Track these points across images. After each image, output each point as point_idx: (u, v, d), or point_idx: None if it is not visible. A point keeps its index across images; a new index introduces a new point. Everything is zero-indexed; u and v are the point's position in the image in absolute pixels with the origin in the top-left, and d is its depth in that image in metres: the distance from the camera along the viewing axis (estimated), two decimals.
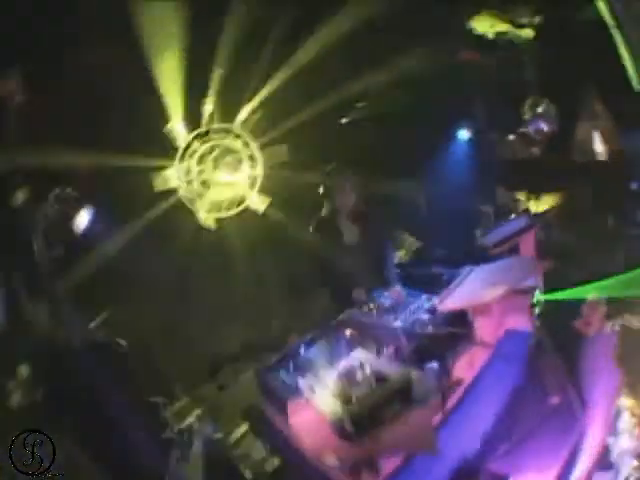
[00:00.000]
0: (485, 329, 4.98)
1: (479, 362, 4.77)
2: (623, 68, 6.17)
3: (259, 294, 8.16)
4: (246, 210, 7.81)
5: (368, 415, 4.12)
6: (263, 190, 7.83)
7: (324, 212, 6.27)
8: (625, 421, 4.40)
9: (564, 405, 4.53)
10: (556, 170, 7.58)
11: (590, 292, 5.11)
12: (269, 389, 4.80)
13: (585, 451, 4.29)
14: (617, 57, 6.18)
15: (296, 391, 4.50)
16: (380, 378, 4.24)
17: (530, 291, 5.01)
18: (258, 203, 7.84)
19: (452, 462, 4.20)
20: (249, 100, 7.59)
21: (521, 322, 4.90)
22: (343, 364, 4.48)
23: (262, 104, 7.62)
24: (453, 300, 4.90)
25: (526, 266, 5.27)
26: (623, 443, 4.32)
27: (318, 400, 4.21)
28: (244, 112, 7.57)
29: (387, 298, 5.60)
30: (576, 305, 5.10)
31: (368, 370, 4.28)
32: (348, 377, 4.27)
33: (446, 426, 4.40)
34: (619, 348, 4.69)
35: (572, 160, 7.57)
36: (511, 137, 8.00)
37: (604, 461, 4.31)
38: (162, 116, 7.09)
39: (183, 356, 6.97)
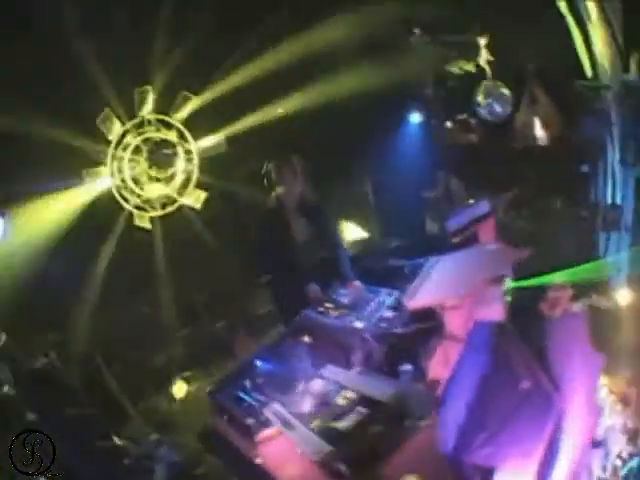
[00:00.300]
0: (455, 322, 4.78)
1: (454, 357, 4.43)
2: (572, 54, 6.05)
3: (201, 296, 7.77)
4: (181, 207, 7.51)
5: (362, 453, 3.59)
6: (199, 185, 7.53)
7: (269, 204, 5.69)
8: (603, 398, 4.40)
9: (536, 389, 4.20)
10: (500, 157, 7.45)
11: (557, 278, 4.84)
12: (225, 409, 4.25)
13: (568, 432, 4.13)
14: (566, 43, 6.06)
15: (259, 414, 3.95)
16: (366, 402, 3.71)
17: (501, 280, 4.58)
18: (194, 199, 7.53)
19: None
20: (189, 92, 7.27)
21: (493, 313, 4.61)
22: (316, 388, 3.97)
23: (203, 95, 7.32)
24: (423, 296, 4.45)
25: (498, 255, 4.85)
26: (607, 420, 4.33)
27: (295, 435, 3.67)
28: (183, 104, 7.26)
29: (344, 295, 5.13)
30: (539, 288, 4.79)
31: (350, 394, 3.75)
32: (327, 406, 3.75)
33: None
34: (591, 328, 4.53)
35: (515, 146, 7.45)
36: (448, 124, 7.87)
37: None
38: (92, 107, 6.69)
39: (128, 370, 6.60)
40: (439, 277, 4.82)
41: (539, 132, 7.16)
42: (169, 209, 7.36)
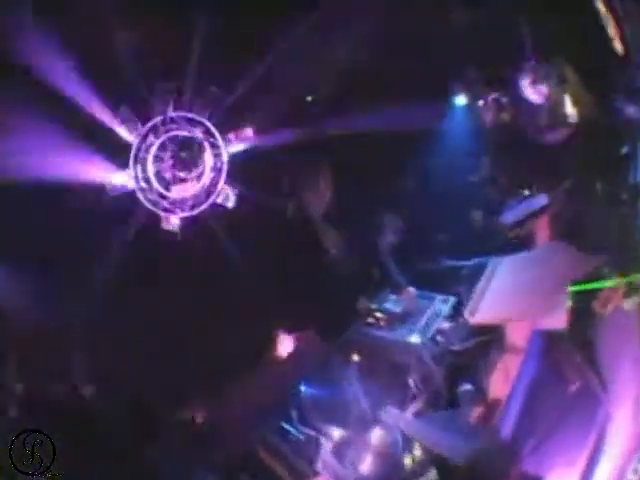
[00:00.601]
0: (517, 333, 4.34)
1: (514, 371, 3.98)
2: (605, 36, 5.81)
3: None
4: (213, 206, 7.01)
5: None
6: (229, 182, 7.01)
7: (288, 214, 5.24)
8: None
9: (584, 390, 4.09)
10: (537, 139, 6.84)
11: (617, 280, 4.48)
12: (269, 443, 3.91)
13: (612, 440, 3.87)
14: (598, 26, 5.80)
15: (308, 453, 3.60)
16: (437, 464, 3.35)
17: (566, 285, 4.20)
18: (226, 196, 6.96)
19: None
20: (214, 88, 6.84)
21: (556, 321, 4.35)
22: (378, 437, 3.60)
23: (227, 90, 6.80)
24: (487, 311, 4.07)
25: (569, 259, 4.45)
26: None
27: None
28: (208, 100, 6.81)
29: (396, 304, 4.67)
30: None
31: (418, 453, 3.39)
32: (392, 464, 3.36)
33: None
34: None
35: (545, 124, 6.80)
36: (480, 103, 7.21)
37: None
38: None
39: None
40: (504, 286, 4.46)
41: (569, 110, 6.65)
42: (200, 208, 6.93)
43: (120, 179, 6.59)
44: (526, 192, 5.95)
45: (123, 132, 6.51)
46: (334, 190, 5.60)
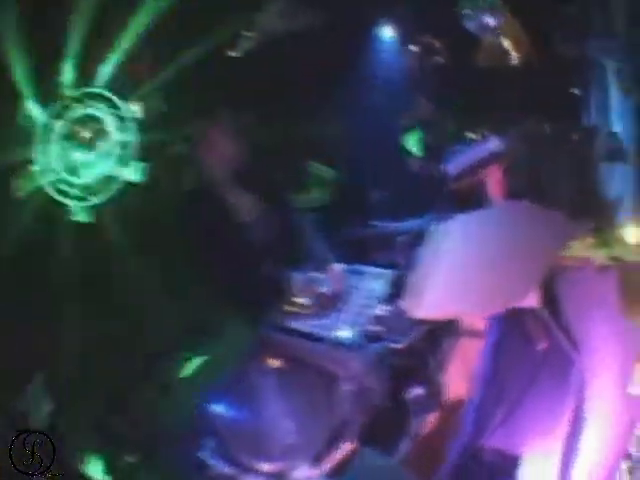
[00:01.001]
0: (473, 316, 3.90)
1: (474, 361, 3.73)
2: None
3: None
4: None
5: None
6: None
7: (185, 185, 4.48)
8: None
9: (554, 350, 3.79)
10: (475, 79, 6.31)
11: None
12: None
13: (594, 403, 3.65)
14: None
15: None
16: None
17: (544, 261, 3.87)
18: (133, 172, 6.28)
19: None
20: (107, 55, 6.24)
21: (528, 301, 3.78)
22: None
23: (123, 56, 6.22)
24: (433, 305, 3.59)
25: (544, 223, 3.99)
26: None
27: None
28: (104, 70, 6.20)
29: (320, 282, 3.81)
30: None
31: None
32: None
33: None
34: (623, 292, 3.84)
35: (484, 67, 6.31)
36: (412, 47, 6.65)
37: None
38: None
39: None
40: (455, 262, 3.76)
41: (508, 52, 6.18)
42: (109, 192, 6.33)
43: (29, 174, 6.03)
44: (473, 136, 5.28)
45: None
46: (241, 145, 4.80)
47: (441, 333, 3.66)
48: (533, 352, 3.86)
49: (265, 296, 4.18)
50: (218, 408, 3.59)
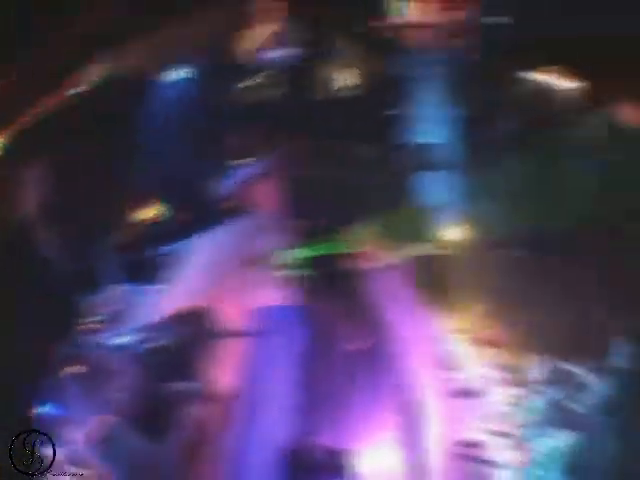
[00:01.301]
0: (227, 314, 4.03)
1: (238, 355, 3.86)
2: None
3: None
4: None
5: None
6: None
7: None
8: (465, 346, 4.04)
9: (364, 349, 3.97)
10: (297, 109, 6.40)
11: (361, 236, 4.43)
12: None
13: (420, 391, 3.85)
14: None
15: None
16: None
17: (267, 257, 3.96)
18: None
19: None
20: None
21: (269, 298, 4.08)
22: None
23: None
24: (175, 298, 3.83)
25: (260, 228, 4.22)
26: (479, 368, 3.98)
27: None
28: None
29: (110, 303, 4.33)
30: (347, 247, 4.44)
31: None
32: None
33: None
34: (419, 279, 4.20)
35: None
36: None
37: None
38: None
39: None
40: (196, 265, 4.16)
41: (343, 82, 6.54)
42: None
43: None
44: (239, 160, 5.62)
45: None
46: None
47: (201, 334, 4.14)
48: (345, 353, 4.05)
49: (65, 318, 4.61)
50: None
